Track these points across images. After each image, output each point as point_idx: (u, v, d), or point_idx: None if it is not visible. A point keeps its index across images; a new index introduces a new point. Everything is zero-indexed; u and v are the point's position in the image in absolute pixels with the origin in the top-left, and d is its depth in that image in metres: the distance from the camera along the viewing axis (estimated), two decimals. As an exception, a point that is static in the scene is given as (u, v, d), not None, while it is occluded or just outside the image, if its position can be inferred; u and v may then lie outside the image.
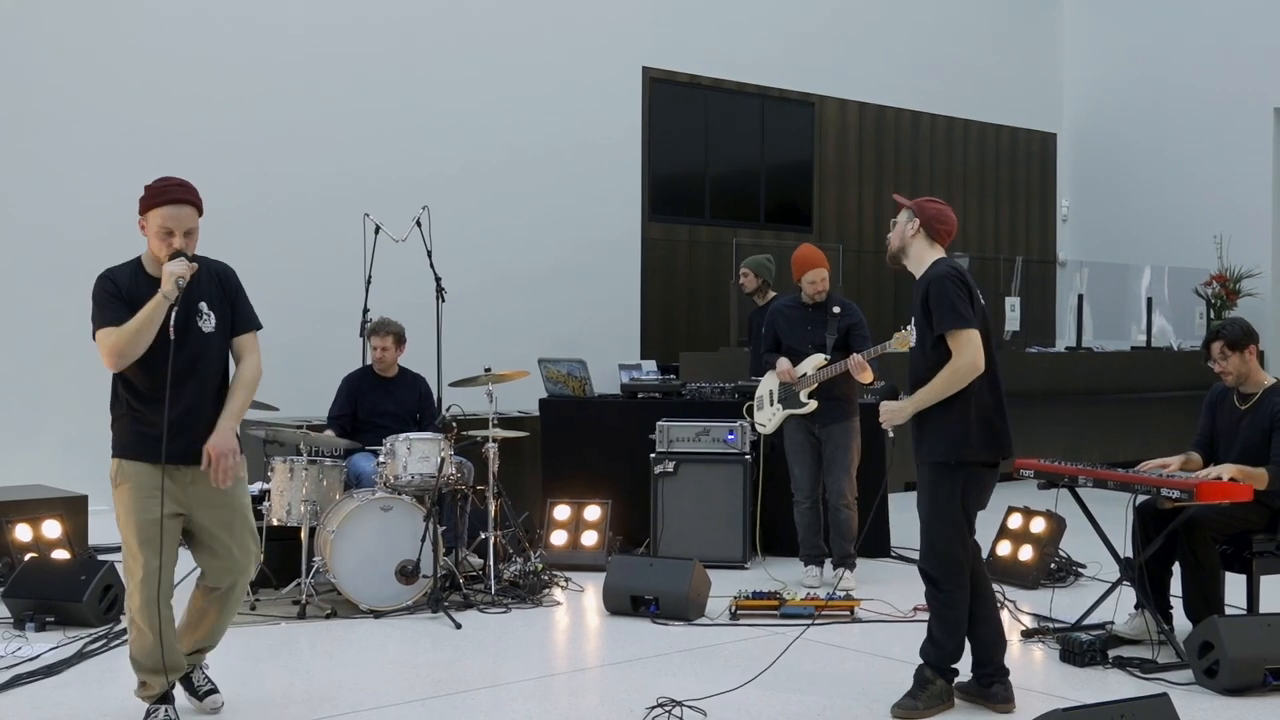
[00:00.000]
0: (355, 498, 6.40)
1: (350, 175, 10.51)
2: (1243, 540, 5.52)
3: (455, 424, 6.82)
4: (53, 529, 6.71)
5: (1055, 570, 6.94)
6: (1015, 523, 7.14)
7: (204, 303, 4.39)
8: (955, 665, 4.72)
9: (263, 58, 10.29)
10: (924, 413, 4.65)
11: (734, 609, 6.16)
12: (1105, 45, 15.83)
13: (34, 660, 5.23)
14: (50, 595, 5.83)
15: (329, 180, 10.46)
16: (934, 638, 4.70)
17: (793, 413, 6.97)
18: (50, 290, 9.10)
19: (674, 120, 12.85)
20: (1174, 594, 5.63)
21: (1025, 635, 5.72)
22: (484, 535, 6.71)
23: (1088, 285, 14.07)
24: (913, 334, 4.83)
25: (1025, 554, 6.95)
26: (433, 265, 7.75)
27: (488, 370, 6.88)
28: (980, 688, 4.73)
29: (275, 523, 6.37)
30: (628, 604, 6.18)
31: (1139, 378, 12.56)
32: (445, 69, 11.24)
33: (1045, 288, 15.24)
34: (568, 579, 6.94)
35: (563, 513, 7.53)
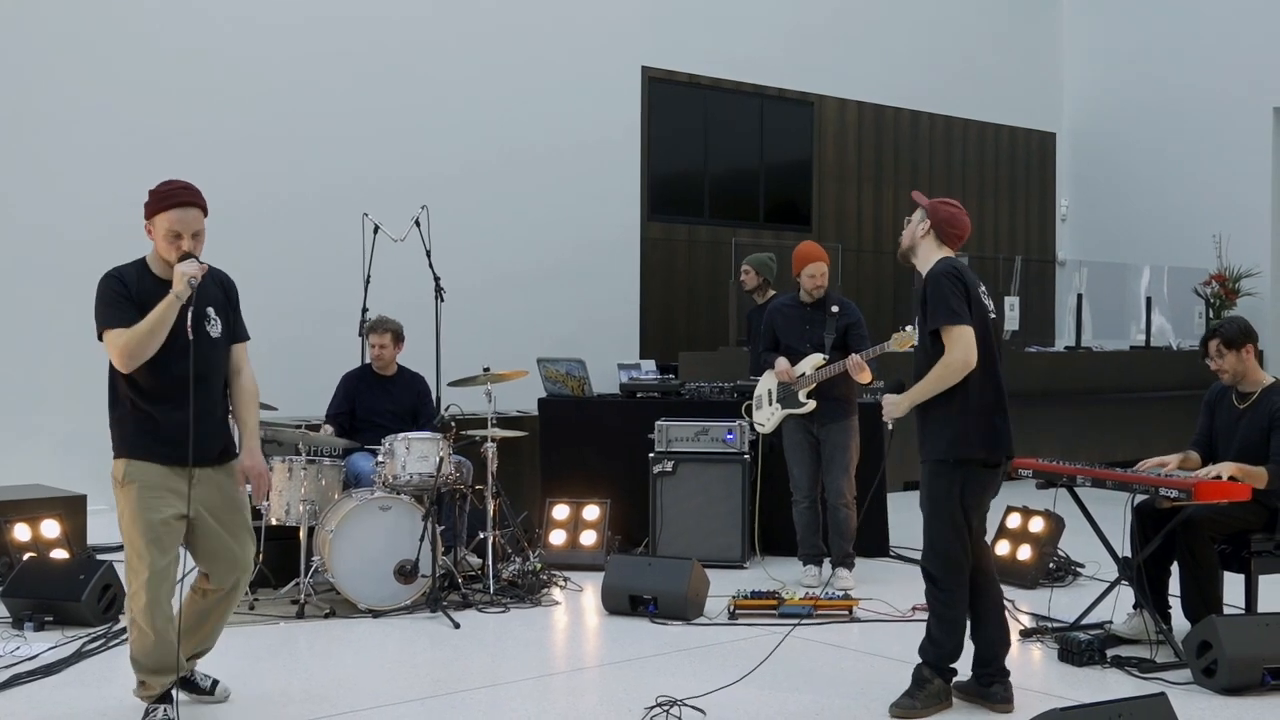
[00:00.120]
0: (354, 497, 6.40)
1: (349, 175, 10.49)
2: (1241, 540, 5.52)
3: (454, 423, 6.82)
4: (51, 528, 6.71)
5: (1054, 570, 6.95)
6: (1014, 522, 7.15)
7: (211, 308, 4.42)
8: (954, 665, 4.73)
9: (262, 57, 10.29)
10: (925, 411, 4.66)
11: (733, 609, 6.16)
12: (1105, 45, 15.82)
13: (32, 660, 5.23)
14: (49, 595, 5.83)
15: (328, 180, 10.45)
16: (933, 637, 4.70)
17: (791, 412, 6.97)
18: (50, 290, 9.09)
19: (673, 120, 12.85)
20: (1172, 593, 5.64)
21: (1024, 635, 5.71)
22: (483, 535, 6.71)
23: (1087, 285, 14.05)
24: (913, 334, 4.84)
25: (1024, 553, 6.96)
26: (431, 265, 7.75)
27: (486, 370, 6.89)
28: (980, 687, 4.73)
29: (274, 522, 6.38)
30: (626, 603, 6.18)
31: (1138, 377, 12.57)
32: (445, 68, 11.24)
33: (1044, 287, 15.24)
34: (566, 579, 6.94)
35: (561, 512, 7.53)
